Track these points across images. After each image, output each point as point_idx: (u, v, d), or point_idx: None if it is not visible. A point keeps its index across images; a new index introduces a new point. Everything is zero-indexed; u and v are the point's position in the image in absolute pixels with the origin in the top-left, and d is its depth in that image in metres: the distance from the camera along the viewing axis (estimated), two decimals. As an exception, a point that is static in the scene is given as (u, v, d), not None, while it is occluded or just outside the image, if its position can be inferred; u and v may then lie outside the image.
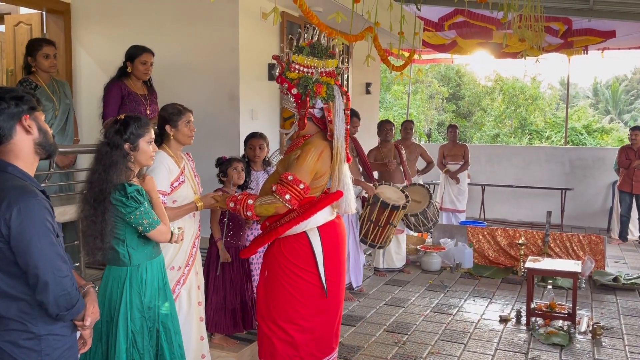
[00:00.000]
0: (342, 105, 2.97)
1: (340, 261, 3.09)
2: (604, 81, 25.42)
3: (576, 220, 9.49)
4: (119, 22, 5.29)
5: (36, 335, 1.87)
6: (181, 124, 3.06)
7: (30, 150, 1.92)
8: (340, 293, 3.11)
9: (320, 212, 2.94)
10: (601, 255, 6.27)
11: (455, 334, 4.47)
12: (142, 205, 2.42)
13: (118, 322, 2.43)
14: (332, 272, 3.00)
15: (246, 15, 4.92)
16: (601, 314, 4.98)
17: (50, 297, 1.83)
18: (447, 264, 6.49)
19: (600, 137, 18.66)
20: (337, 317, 3.10)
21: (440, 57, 11.49)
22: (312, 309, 2.98)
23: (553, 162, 9.91)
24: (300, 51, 2.96)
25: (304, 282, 2.95)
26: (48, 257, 1.82)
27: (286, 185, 2.84)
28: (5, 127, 1.85)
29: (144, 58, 4.03)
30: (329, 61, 2.97)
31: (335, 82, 3.00)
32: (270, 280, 3.01)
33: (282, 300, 2.97)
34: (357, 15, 5.00)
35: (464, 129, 19.70)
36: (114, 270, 2.49)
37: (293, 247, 2.95)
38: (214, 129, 4.89)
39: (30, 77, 3.95)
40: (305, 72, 2.95)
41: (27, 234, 1.79)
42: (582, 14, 7.28)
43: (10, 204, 1.79)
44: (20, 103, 1.88)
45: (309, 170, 2.88)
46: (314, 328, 3.00)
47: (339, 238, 3.08)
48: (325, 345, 3.05)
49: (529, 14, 5.60)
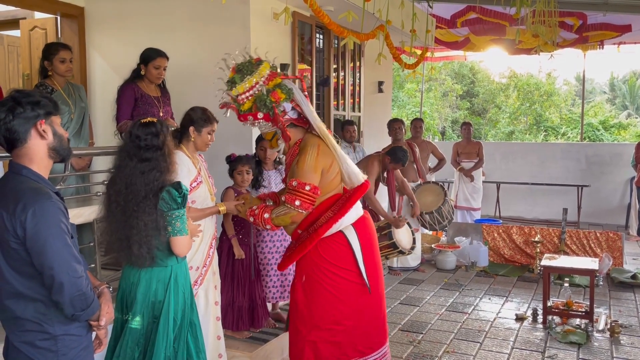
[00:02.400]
0: (300, 91, 2.87)
1: (376, 255, 3.07)
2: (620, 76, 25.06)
3: (593, 217, 9.37)
4: (132, 25, 5.33)
5: (52, 336, 1.90)
6: (205, 131, 3.10)
7: (44, 154, 1.94)
8: (380, 287, 3.08)
9: (351, 210, 2.92)
10: (619, 253, 6.19)
11: (470, 332, 4.45)
12: (183, 209, 2.42)
13: (160, 322, 2.44)
14: (371, 267, 2.98)
15: (258, 16, 4.93)
16: (619, 312, 4.91)
17: (65, 297, 1.85)
18: (462, 263, 6.45)
19: (618, 132, 18.41)
20: (381, 312, 3.07)
21: (453, 55, 11.41)
22: (354, 307, 2.95)
23: (569, 159, 9.80)
24: (234, 83, 2.89)
25: (345, 281, 2.92)
26: (63, 258, 1.84)
27: (293, 192, 2.83)
28: (20, 131, 1.88)
29: (158, 62, 4.05)
30: (260, 69, 2.87)
31: (281, 77, 2.89)
32: (310, 285, 2.96)
33: (324, 303, 2.94)
34: (368, 14, 4.99)
35: (479, 127, 19.56)
36: (157, 271, 2.47)
37: (331, 247, 2.93)
38: (226, 130, 4.90)
39: (46, 81, 3.99)
40: (253, 94, 2.87)
41: (42, 235, 1.82)
42: (596, 9, 7.19)
43: (26, 206, 1.81)
44: (37, 107, 1.90)
45: (312, 169, 2.84)
46: (358, 325, 2.96)
47: (372, 232, 3.08)
48: (372, 340, 3.02)
49: (542, 9, 5.55)
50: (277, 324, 4.14)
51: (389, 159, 5.38)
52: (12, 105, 1.87)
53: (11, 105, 1.87)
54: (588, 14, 7.77)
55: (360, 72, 7.63)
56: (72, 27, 5.45)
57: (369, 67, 7.77)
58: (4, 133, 1.88)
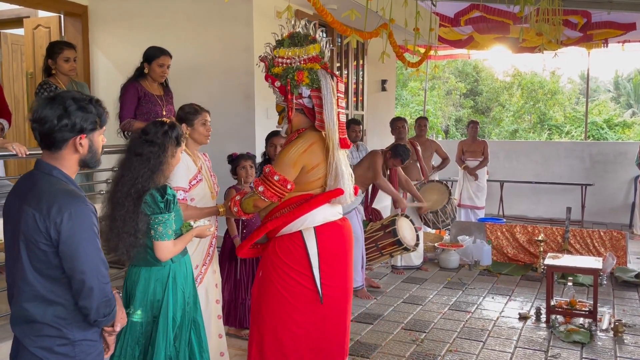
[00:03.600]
0: (330, 88, 2.79)
1: (343, 267, 2.89)
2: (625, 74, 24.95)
3: (597, 216, 9.34)
4: (135, 24, 5.34)
5: (71, 341, 1.87)
6: (197, 123, 3.09)
7: (74, 162, 1.92)
8: (343, 301, 2.89)
9: (319, 211, 2.80)
10: (623, 252, 6.17)
11: (473, 331, 4.44)
12: (167, 214, 2.42)
13: (159, 321, 2.45)
14: (330, 277, 2.81)
15: (260, 15, 4.93)
16: (623, 311, 4.90)
17: (93, 303, 1.83)
18: (465, 261, 6.44)
19: (622, 131, 18.34)
20: (339, 328, 2.88)
21: (457, 53, 11.38)
22: (306, 316, 2.80)
23: (573, 158, 9.77)
24: (281, 44, 2.89)
25: (298, 284, 2.78)
26: (94, 263, 1.83)
27: (263, 178, 2.75)
28: (58, 140, 1.84)
29: (162, 60, 4.06)
30: (309, 47, 2.84)
31: (321, 66, 2.84)
32: (263, 281, 2.87)
33: (274, 302, 2.81)
34: (371, 12, 4.98)
35: (482, 125, 19.49)
36: (155, 271, 2.50)
37: (287, 246, 2.80)
38: (229, 129, 4.92)
39: (50, 80, 4.00)
40: (289, 63, 2.85)
41: (76, 238, 1.79)
42: (601, 7, 7.15)
43: (61, 208, 1.78)
44: (84, 122, 1.86)
45: (291, 162, 2.74)
46: (309, 337, 2.81)
47: (340, 241, 2.88)
48: (326, 356, 2.85)
49: (546, 7, 5.53)
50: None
51: (390, 154, 5.40)
52: (61, 114, 1.82)
53: (61, 113, 1.82)
54: (592, 12, 7.74)
55: (364, 70, 7.62)
56: (76, 26, 5.46)
57: (372, 66, 7.76)
58: (43, 135, 1.85)
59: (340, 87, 2.84)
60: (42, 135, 1.85)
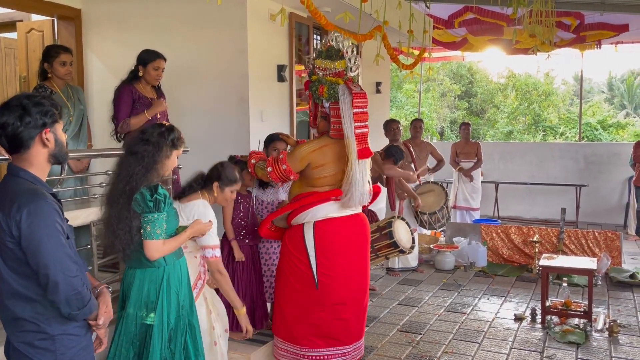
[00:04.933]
0: (349, 103, 3.11)
1: (344, 259, 3.21)
2: (618, 75, 25.06)
3: (592, 216, 9.37)
4: (129, 27, 5.33)
5: (50, 336, 1.91)
6: (228, 190, 3.10)
7: (44, 159, 1.96)
8: (342, 290, 3.24)
9: (322, 208, 3.19)
10: (617, 252, 6.19)
11: (469, 333, 4.44)
12: (157, 213, 2.43)
13: (154, 323, 2.45)
14: (327, 268, 3.20)
15: (254, 17, 4.93)
16: (618, 312, 4.91)
17: (61, 296, 1.86)
18: (460, 263, 6.45)
19: (616, 132, 18.39)
20: (341, 315, 3.23)
21: (451, 55, 11.40)
22: (304, 296, 3.25)
23: (567, 159, 9.80)
24: (320, 55, 3.25)
25: (299, 270, 3.25)
26: (58, 257, 1.86)
27: (275, 160, 3.23)
28: (25, 139, 1.90)
29: (157, 64, 4.05)
30: (337, 62, 3.17)
31: (344, 81, 3.15)
32: (278, 264, 3.45)
33: (281, 282, 3.35)
34: (365, 15, 4.99)
35: (477, 126, 19.55)
36: (149, 272, 2.51)
37: (292, 236, 3.30)
38: (223, 131, 4.91)
39: (45, 83, 3.99)
40: (321, 75, 3.22)
41: (36, 234, 1.83)
42: (593, 8, 7.18)
43: (21, 207, 1.83)
44: (45, 117, 1.92)
45: (300, 157, 3.20)
46: (308, 315, 3.24)
47: (340, 236, 3.22)
48: (327, 335, 3.25)
49: (539, 9, 5.55)
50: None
51: (383, 154, 5.43)
52: (21, 113, 1.88)
53: (20, 113, 1.88)
54: (585, 14, 7.77)
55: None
56: (69, 30, 5.44)
57: (367, 68, 7.75)
58: (9, 139, 1.89)
59: (360, 103, 3.14)
60: (8, 140, 1.90)
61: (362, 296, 3.37)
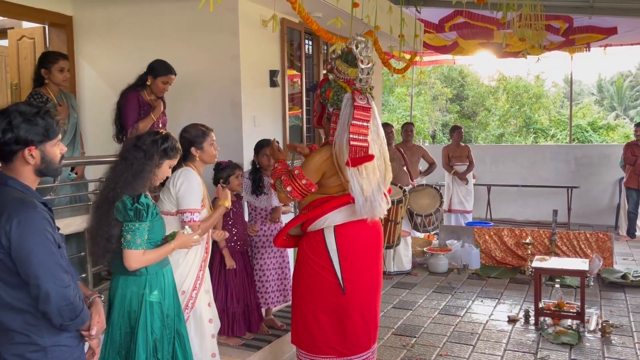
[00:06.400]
0: (347, 114, 3.02)
1: (364, 262, 3.16)
2: (608, 77, 25.28)
3: (583, 218, 9.44)
4: (121, 34, 5.32)
5: (42, 347, 1.88)
6: (206, 144, 3.13)
7: (29, 172, 1.93)
8: (366, 293, 3.18)
9: (340, 212, 3.10)
10: (609, 253, 6.24)
11: (463, 335, 4.46)
12: (137, 222, 2.40)
13: (138, 333, 2.42)
14: (350, 272, 3.11)
15: (246, 23, 4.94)
16: (610, 312, 4.95)
17: (52, 307, 1.83)
18: (454, 266, 6.48)
19: (606, 133, 18.54)
20: (364, 319, 3.17)
21: (442, 59, 11.46)
22: (329, 305, 3.12)
23: (558, 161, 9.87)
24: (340, 56, 3.17)
25: (321, 277, 3.12)
26: (48, 267, 1.83)
27: (291, 178, 3.08)
28: (6, 152, 1.87)
29: (167, 79, 4.05)
30: (350, 70, 3.11)
31: (353, 91, 3.07)
32: (296, 272, 3.27)
33: (302, 291, 3.19)
34: (356, 20, 5.01)
35: (469, 129, 19.65)
36: (131, 280, 2.48)
37: (312, 242, 3.15)
38: (216, 137, 4.88)
39: (41, 90, 3.96)
40: (333, 77, 3.17)
41: (27, 244, 1.80)
42: (582, 12, 7.25)
43: (10, 216, 1.80)
44: (31, 133, 1.87)
45: (315, 168, 3.09)
46: (333, 324, 3.13)
47: (359, 239, 3.15)
48: (351, 342, 3.15)
49: (528, 13, 5.60)
50: (271, 330, 4.14)
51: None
52: (5, 128, 1.84)
53: (4, 127, 1.84)
54: (574, 17, 7.84)
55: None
56: (61, 37, 5.43)
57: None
58: None
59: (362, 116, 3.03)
60: None
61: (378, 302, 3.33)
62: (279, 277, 4.23)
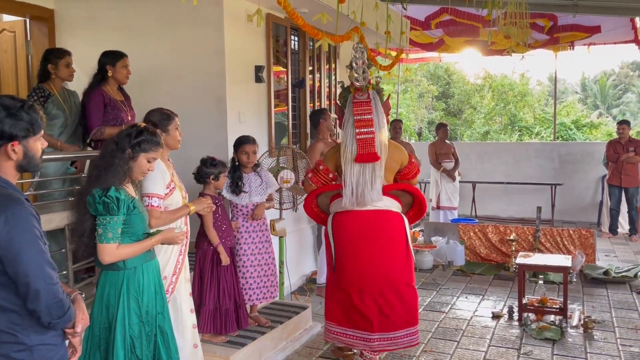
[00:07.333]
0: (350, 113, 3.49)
1: (355, 250, 3.49)
2: (591, 76, 25.59)
3: (566, 215, 9.54)
4: (103, 28, 5.25)
5: (28, 347, 1.84)
6: (171, 128, 3.07)
7: (11, 168, 1.89)
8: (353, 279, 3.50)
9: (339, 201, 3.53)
10: (592, 249, 6.30)
11: (448, 331, 4.48)
12: (108, 216, 2.37)
13: (116, 328, 2.40)
14: (342, 256, 3.53)
15: (231, 18, 4.90)
16: (592, 308, 5.00)
17: (42, 305, 1.80)
18: (439, 262, 6.50)
19: (590, 131, 18.76)
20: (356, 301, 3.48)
21: (428, 56, 11.49)
22: (331, 278, 3.66)
23: (542, 158, 9.96)
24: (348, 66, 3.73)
25: (329, 253, 3.65)
26: (38, 265, 1.80)
27: (314, 168, 3.73)
28: None
29: (125, 61, 4.02)
30: (350, 73, 3.62)
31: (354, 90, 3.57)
32: None
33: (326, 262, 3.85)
34: (342, 16, 4.99)
35: (454, 127, 19.76)
36: (110, 275, 2.47)
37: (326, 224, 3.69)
38: (201, 133, 4.87)
39: (44, 85, 3.94)
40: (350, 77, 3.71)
41: (16, 242, 1.76)
42: (566, 10, 7.31)
43: None
44: (15, 128, 1.83)
45: (329, 156, 3.71)
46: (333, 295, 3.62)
47: (348, 228, 3.51)
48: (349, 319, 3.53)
49: (513, 11, 5.62)
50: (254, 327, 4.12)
51: None
52: None
53: None
54: (558, 16, 7.90)
55: (336, 73, 7.63)
56: (42, 30, 5.34)
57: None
58: None
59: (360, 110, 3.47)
60: None
61: (383, 289, 3.48)
62: (265, 273, 4.21)
